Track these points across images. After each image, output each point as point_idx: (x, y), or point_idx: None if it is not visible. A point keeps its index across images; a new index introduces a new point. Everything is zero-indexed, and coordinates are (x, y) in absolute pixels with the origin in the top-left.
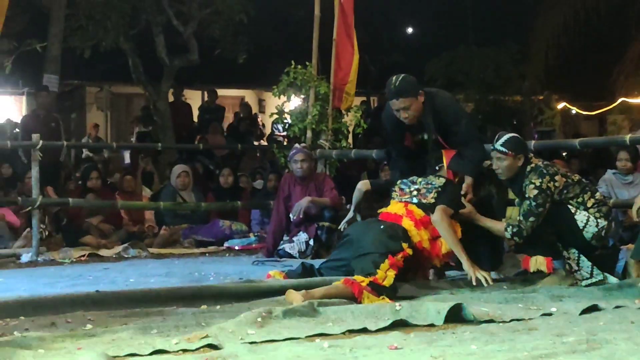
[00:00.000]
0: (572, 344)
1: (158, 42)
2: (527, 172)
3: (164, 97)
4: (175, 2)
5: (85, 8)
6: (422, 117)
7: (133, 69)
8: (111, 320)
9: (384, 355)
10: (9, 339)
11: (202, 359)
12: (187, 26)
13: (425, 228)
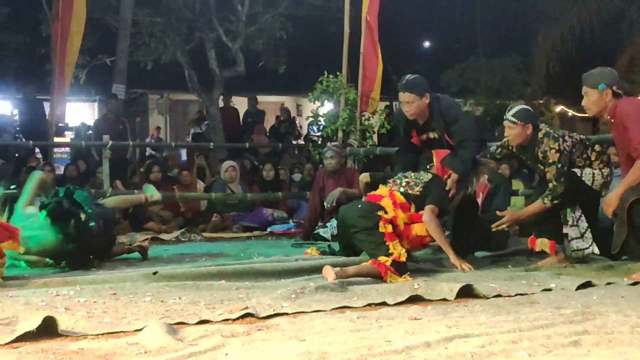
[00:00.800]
0: (569, 315)
1: (210, 55)
2: (539, 138)
3: (215, 103)
4: (224, 21)
5: (147, 27)
6: (430, 118)
7: (189, 79)
8: (166, 294)
9: (405, 325)
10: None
11: (247, 327)
12: (235, 42)
13: (403, 211)
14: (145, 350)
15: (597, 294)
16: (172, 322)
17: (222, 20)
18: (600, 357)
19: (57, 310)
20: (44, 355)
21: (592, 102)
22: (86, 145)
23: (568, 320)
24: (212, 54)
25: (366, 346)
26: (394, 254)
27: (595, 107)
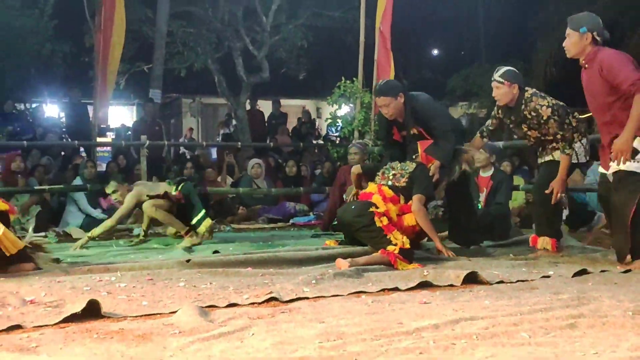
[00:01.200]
0: (566, 300)
1: (237, 63)
2: (526, 98)
3: (243, 106)
4: (250, 32)
5: (181, 37)
6: (407, 115)
7: (218, 85)
8: (198, 279)
9: (416, 308)
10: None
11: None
12: (260, 50)
13: (393, 204)
14: (179, 331)
15: (592, 281)
16: (203, 305)
17: (249, 31)
18: (595, 338)
19: (100, 294)
20: (88, 335)
21: (572, 43)
22: (126, 144)
23: (565, 305)
24: (239, 62)
25: (380, 328)
26: (398, 242)
27: (574, 49)
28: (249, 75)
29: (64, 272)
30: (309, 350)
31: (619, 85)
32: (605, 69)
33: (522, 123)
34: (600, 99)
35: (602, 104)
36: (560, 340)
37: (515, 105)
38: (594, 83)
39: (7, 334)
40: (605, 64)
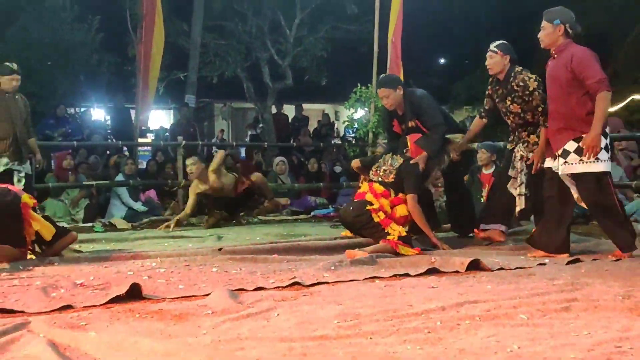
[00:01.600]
0: (560, 285)
1: (264, 71)
2: (515, 71)
3: (269, 110)
4: (275, 43)
5: (213, 48)
6: (405, 108)
7: (247, 91)
8: (230, 265)
9: (425, 292)
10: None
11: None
12: (284, 60)
13: (385, 198)
14: (212, 311)
15: (584, 268)
16: (233, 289)
17: (274, 42)
18: (588, 320)
19: (142, 278)
20: (131, 314)
21: (546, 34)
22: (164, 144)
23: (560, 290)
24: (266, 70)
25: (392, 309)
26: (395, 232)
27: (547, 40)
28: (274, 82)
29: (110, 258)
30: (328, 329)
31: (585, 79)
32: (576, 61)
33: (508, 96)
34: (561, 88)
35: (560, 94)
36: (555, 322)
37: (504, 78)
38: (559, 72)
39: (59, 313)
40: (577, 57)
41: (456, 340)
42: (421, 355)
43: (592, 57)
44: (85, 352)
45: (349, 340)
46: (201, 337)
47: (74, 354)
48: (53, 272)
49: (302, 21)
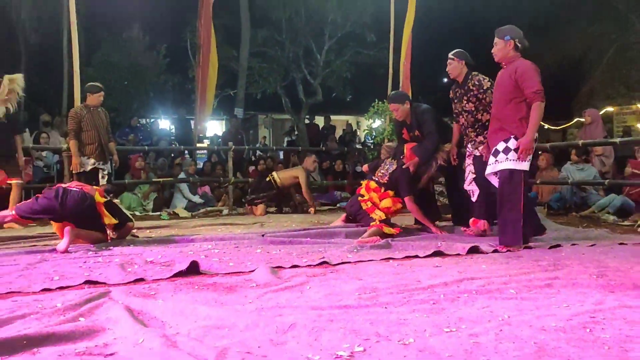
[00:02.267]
0: (544, 265)
1: (299, 89)
2: (472, 75)
3: (302, 121)
4: (308, 66)
5: (258, 70)
6: (411, 119)
7: (284, 105)
8: (272, 247)
9: (430, 270)
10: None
11: (324, 270)
12: (315, 80)
13: (376, 192)
14: (256, 284)
15: (564, 252)
16: (273, 266)
17: (307, 65)
18: (567, 295)
19: (200, 257)
20: (191, 286)
21: (498, 50)
22: (217, 149)
23: (544, 269)
24: (300, 88)
25: (403, 284)
26: (377, 217)
27: (499, 54)
28: (307, 97)
29: (174, 240)
30: (350, 300)
31: (524, 89)
32: (519, 73)
33: (464, 96)
34: (504, 95)
35: (502, 99)
36: (539, 296)
37: (462, 80)
38: (505, 81)
39: (134, 285)
40: (520, 69)
41: (456, 310)
42: (427, 322)
43: (534, 70)
44: (155, 316)
45: (368, 309)
46: (247, 305)
47: (146, 318)
48: (128, 252)
49: (330, 48)
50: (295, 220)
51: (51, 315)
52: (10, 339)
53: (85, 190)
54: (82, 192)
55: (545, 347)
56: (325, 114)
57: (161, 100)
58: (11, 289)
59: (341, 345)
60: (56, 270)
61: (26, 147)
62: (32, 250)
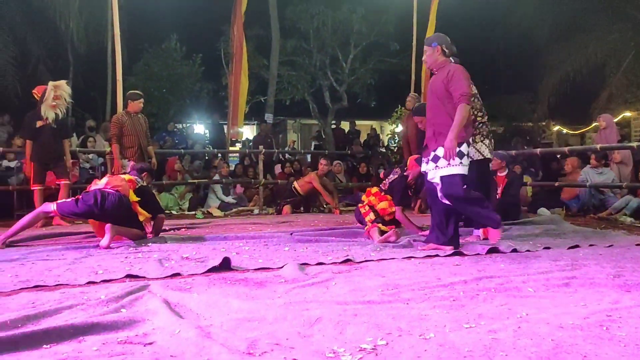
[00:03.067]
0: (562, 265)
1: (325, 95)
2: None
3: (329, 125)
4: (334, 73)
5: (287, 78)
6: None
7: (312, 110)
8: (299, 245)
9: (450, 268)
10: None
11: (348, 267)
12: (341, 86)
13: (374, 197)
14: (284, 280)
15: (582, 252)
16: (300, 263)
17: (333, 73)
18: (584, 294)
19: (231, 254)
20: (224, 281)
21: (427, 57)
22: (248, 152)
23: (561, 269)
24: (327, 94)
25: (424, 281)
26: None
27: (429, 60)
28: (333, 103)
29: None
30: (374, 295)
31: (453, 92)
32: (449, 77)
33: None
34: (438, 100)
35: (437, 105)
36: (557, 295)
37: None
38: (437, 86)
39: (171, 279)
40: (450, 74)
41: (475, 307)
42: (447, 318)
43: (462, 74)
44: (190, 309)
45: (390, 304)
46: (276, 299)
47: (182, 310)
48: (166, 248)
49: (355, 56)
50: (322, 220)
51: (95, 307)
52: (59, 328)
53: (121, 193)
54: (118, 196)
55: (562, 344)
56: (350, 119)
57: (196, 107)
58: (59, 282)
59: (365, 338)
60: (100, 265)
61: (73, 151)
62: (78, 246)
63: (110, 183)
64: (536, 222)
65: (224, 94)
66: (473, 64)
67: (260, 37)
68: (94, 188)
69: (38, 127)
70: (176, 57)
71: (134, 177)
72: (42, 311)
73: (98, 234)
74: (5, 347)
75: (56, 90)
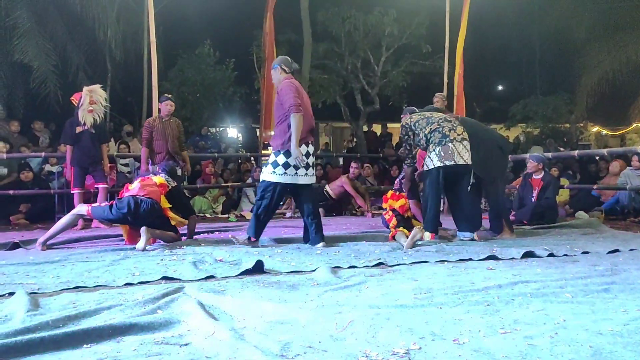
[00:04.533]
0: (601, 270)
1: (357, 98)
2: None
3: (361, 128)
4: (366, 77)
5: (318, 81)
6: None
7: (344, 113)
8: (332, 249)
9: (484, 272)
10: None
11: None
12: (373, 89)
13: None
14: (317, 283)
15: (622, 257)
16: (333, 266)
17: (365, 76)
18: (624, 300)
19: (264, 256)
20: (257, 284)
21: (273, 77)
22: None
23: (601, 274)
24: (358, 97)
25: (457, 286)
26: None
27: (275, 80)
28: (365, 106)
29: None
30: (406, 299)
31: (283, 104)
32: (280, 93)
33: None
34: (279, 115)
35: (278, 119)
36: (596, 300)
37: None
38: (277, 103)
39: (205, 281)
40: (280, 88)
41: (511, 312)
42: (482, 323)
43: (289, 87)
44: (224, 311)
45: (423, 308)
46: (309, 302)
47: (216, 312)
48: (200, 251)
49: (387, 59)
50: (354, 223)
51: (133, 307)
52: (98, 328)
53: (154, 199)
54: (151, 203)
55: (601, 351)
56: (382, 121)
57: (229, 111)
58: (98, 283)
59: (397, 342)
60: (137, 267)
61: (111, 155)
62: (116, 248)
63: (143, 189)
64: (574, 226)
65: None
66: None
67: (293, 42)
68: (127, 194)
69: (77, 133)
70: (209, 63)
71: (164, 179)
72: (82, 311)
73: (128, 238)
74: (48, 347)
75: (91, 95)
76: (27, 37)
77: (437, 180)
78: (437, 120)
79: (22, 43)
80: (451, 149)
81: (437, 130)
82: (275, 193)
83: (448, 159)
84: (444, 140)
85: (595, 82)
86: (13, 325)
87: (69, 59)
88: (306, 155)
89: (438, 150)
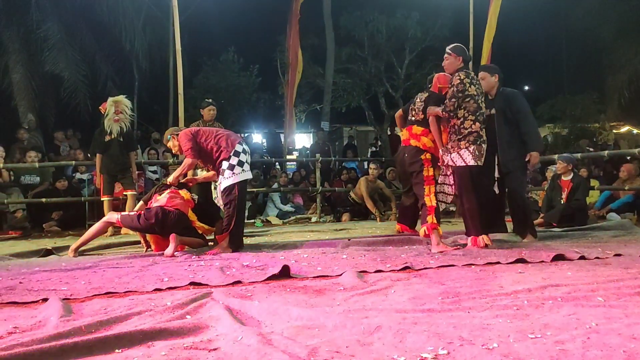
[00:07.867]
0: (634, 273)
1: (381, 102)
2: (458, 72)
3: (385, 132)
4: (389, 80)
5: (342, 85)
6: None
7: (368, 117)
8: (354, 252)
9: (513, 276)
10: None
11: (407, 274)
12: (397, 93)
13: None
14: (343, 288)
15: None
16: (359, 271)
17: (389, 79)
18: None
19: (290, 262)
20: (283, 289)
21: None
22: (305, 160)
23: (634, 277)
24: (382, 101)
25: (485, 290)
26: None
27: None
28: (389, 110)
29: (267, 247)
30: (433, 304)
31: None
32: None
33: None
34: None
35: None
36: (629, 304)
37: (453, 74)
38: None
39: (232, 287)
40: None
41: (541, 317)
42: (511, 328)
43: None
44: (252, 316)
45: (451, 313)
46: (335, 307)
47: (243, 317)
48: (227, 256)
49: (411, 62)
50: (379, 227)
51: (162, 313)
52: (129, 333)
53: (181, 210)
54: (178, 214)
55: (635, 355)
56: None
57: (254, 116)
58: (128, 289)
59: (425, 347)
60: (165, 273)
61: (139, 162)
62: (144, 254)
63: (171, 200)
64: (605, 228)
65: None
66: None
67: (316, 47)
68: (156, 205)
69: (107, 141)
70: (234, 69)
71: (190, 195)
72: (113, 317)
73: (156, 246)
74: (81, 352)
75: (117, 105)
76: (57, 48)
77: (470, 178)
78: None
79: (53, 54)
80: (484, 150)
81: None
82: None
83: (479, 160)
84: (479, 140)
85: (624, 81)
86: (47, 331)
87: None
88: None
89: (473, 149)
